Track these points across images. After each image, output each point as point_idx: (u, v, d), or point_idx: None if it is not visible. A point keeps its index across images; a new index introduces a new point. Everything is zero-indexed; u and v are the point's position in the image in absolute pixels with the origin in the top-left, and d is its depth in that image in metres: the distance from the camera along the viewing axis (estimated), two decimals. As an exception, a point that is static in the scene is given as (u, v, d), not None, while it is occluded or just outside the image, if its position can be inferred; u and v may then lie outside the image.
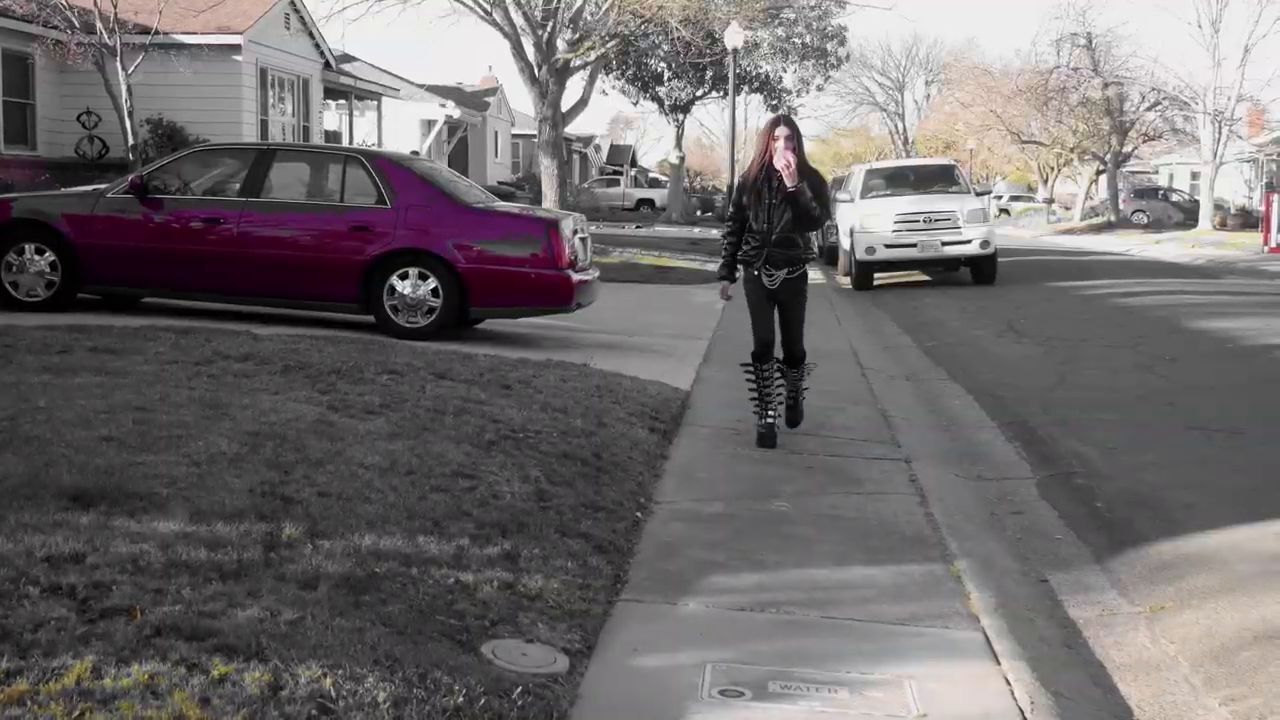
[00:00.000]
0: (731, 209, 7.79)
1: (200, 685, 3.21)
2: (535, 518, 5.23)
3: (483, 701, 3.44)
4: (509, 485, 5.61)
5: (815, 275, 7.09)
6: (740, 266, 7.64)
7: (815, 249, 7.17)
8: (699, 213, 49.83)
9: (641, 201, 53.74)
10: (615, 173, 60.12)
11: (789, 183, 7.17)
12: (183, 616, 3.61)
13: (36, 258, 10.87)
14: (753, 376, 7.60)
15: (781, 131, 7.29)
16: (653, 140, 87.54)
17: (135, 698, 3.11)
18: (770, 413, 7.55)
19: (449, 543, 4.70)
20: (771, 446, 7.42)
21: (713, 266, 6.45)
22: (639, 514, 5.82)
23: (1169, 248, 35.32)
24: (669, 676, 4.02)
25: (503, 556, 4.69)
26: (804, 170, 7.32)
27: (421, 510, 5.02)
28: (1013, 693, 4.04)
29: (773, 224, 7.38)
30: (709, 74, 41.71)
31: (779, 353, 7.74)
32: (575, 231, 11.07)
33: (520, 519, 5.16)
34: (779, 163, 7.15)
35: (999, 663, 4.29)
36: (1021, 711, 3.92)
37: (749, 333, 7.73)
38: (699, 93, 44.81)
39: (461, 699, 3.40)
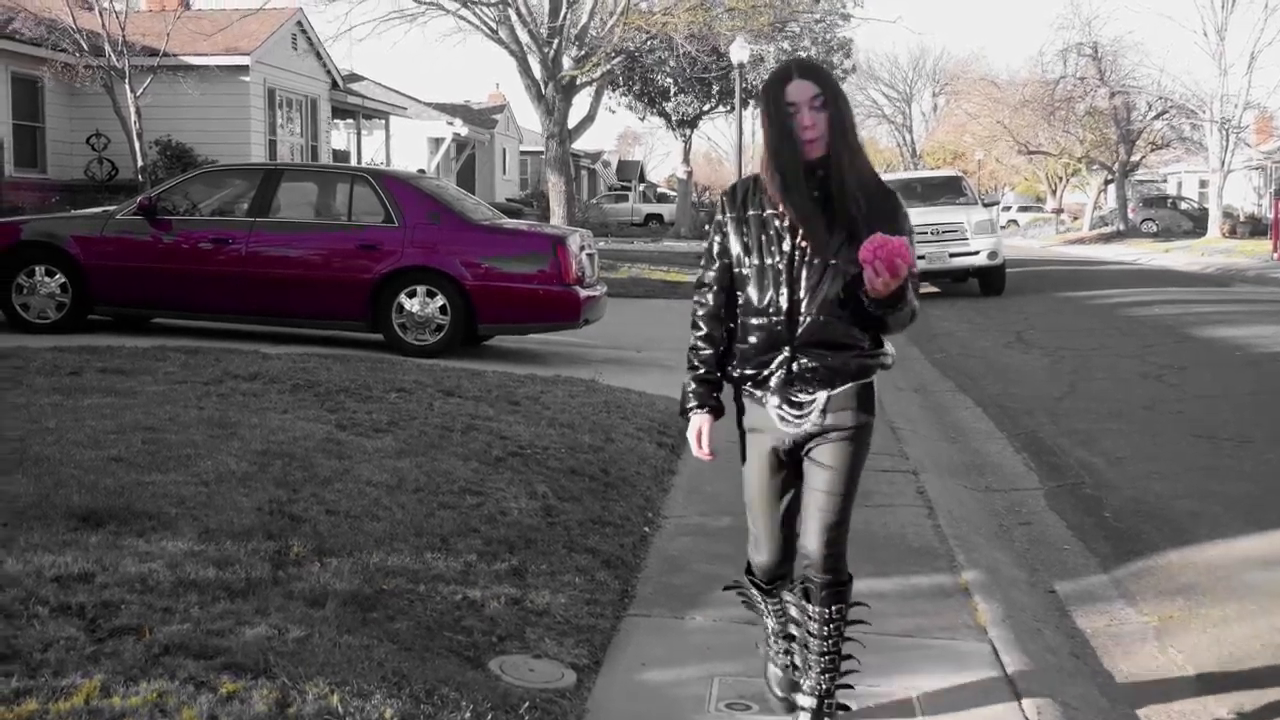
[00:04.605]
0: (708, 260, 3.64)
1: (208, 703, 3.23)
2: (543, 533, 5.25)
3: (490, 717, 3.45)
4: (516, 501, 5.63)
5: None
6: (732, 384, 3.77)
7: (889, 349, 3.66)
8: (706, 227, 49.84)
9: (650, 216, 53.76)
10: (624, 188, 60.18)
11: (879, 287, 3.24)
12: (191, 635, 3.63)
13: (46, 279, 10.94)
14: (753, 608, 3.99)
15: (801, 90, 3.35)
16: (661, 155, 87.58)
17: (144, 716, 3.13)
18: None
19: (456, 559, 4.72)
20: None
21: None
22: (646, 529, 5.83)
23: (1178, 256, 35.29)
24: (676, 690, 4.03)
25: (510, 572, 4.71)
26: (868, 185, 3.45)
27: (429, 527, 5.04)
28: (1020, 704, 4.04)
29: (797, 295, 3.45)
30: (715, 88, 41.87)
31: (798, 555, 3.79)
32: (582, 247, 11.11)
33: (528, 535, 5.18)
34: (864, 253, 3.19)
35: (1006, 674, 4.29)
36: (1029, 722, 3.92)
37: None
38: (706, 107, 44.94)
39: (469, 715, 3.42)
